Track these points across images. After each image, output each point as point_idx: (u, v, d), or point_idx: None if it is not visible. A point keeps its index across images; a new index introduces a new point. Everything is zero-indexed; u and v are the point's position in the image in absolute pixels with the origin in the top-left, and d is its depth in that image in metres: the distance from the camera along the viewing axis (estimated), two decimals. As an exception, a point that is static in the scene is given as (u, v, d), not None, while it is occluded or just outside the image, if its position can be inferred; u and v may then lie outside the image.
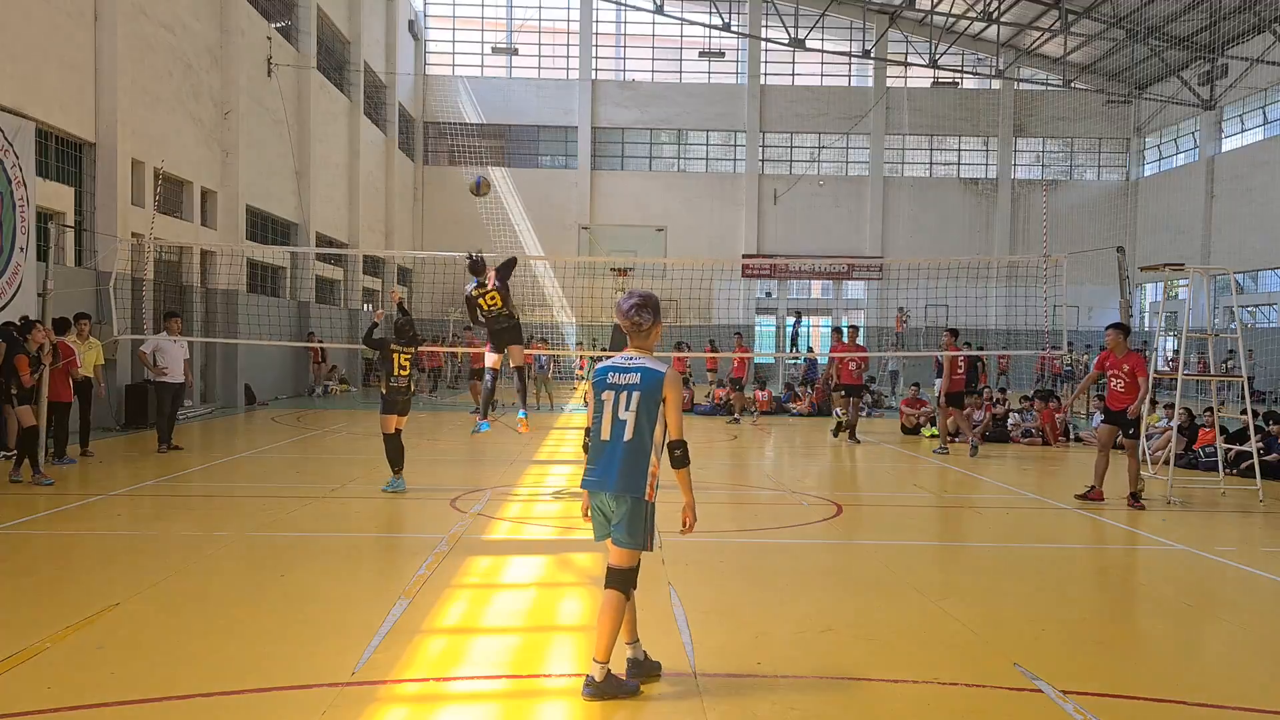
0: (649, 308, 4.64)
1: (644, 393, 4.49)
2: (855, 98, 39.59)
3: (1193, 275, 13.57)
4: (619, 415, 4.53)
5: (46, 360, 10.85)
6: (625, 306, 4.64)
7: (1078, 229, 37.48)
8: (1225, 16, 31.20)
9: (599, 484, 4.59)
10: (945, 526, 9.27)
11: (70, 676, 4.59)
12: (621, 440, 4.51)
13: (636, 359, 4.60)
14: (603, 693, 4.44)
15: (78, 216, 15.91)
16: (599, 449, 4.61)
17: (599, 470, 4.60)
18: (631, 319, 4.62)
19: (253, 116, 22.22)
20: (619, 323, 4.71)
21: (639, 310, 4.62)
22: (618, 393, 4.54)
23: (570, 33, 39.56)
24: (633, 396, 4.50)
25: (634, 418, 4.49)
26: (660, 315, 4.73)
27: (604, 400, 4.57)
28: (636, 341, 4.67)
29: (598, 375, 4.66)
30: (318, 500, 9.65)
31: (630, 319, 4.63)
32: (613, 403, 4.55)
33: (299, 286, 25.50)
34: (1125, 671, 5.03)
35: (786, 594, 6.27)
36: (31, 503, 9.25)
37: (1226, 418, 14.21)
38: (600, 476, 4.58)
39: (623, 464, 4.49)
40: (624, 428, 4.51)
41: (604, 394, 4.58)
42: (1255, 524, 9.68)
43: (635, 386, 4.50)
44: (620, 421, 4.52)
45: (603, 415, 4.58)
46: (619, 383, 4.55)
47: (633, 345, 4.69)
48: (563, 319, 37.33)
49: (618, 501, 4.55)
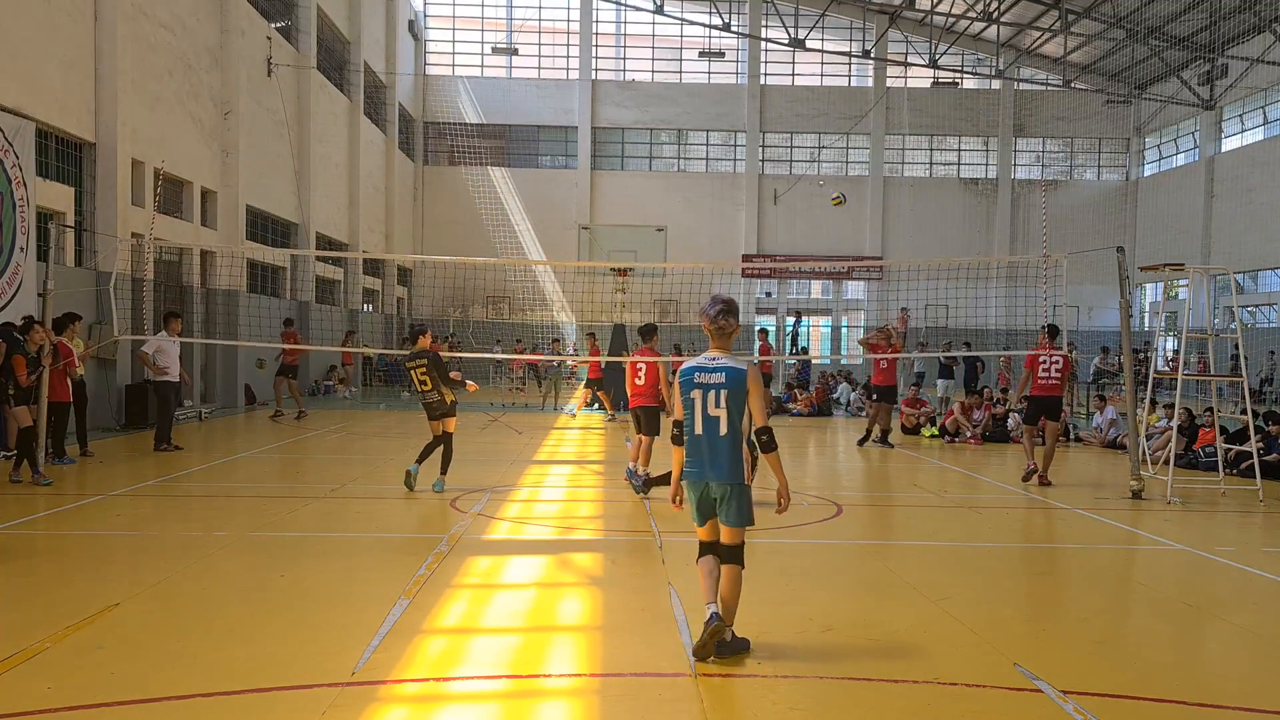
0: (732, 312, 5.13)
1: (730, 390, 4.94)
2: (855, 98, 39.60)
3: (1193, 275, 13.58)
4: (709, 412, 4.98)
5: (46, 361, 10.84)
6: (711, 312, 5.11)
7: (1078, 229, 37.50)
8: (1225, 16, 31.21)
9: (700, 474, 5.03)
10: (945, 526, 9.26)
11: (70, 676, 4.58)
12: (718, 435, 4.98)
13: (719, 359, 5.05)
14: (734, 649, 4.96)
15: (78, 216, 15.91)
16: (695, 444, 5.04)
17: (700, 463, 5.03)
18: (716, 323, 5.09)
19: (253, 116, 22.22)
20: (703, 325, 5.16)
21: (723, 315, 5.10)
22: (705, 391, 4.99)
23: (570, 33, 39.57)
24: (720, 394, 4.95)
25: (725, 414, 4.95)
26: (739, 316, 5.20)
27: (692, 399, 5.02)
28: (718, 343, 5.11)
29: (684, 375, 5.08)
30: (318, 500, 9.65)
31: (715, 323, 5.09)
32: (701, 401, 4.99)
33: (299, 287, 25.50)
34: (1125, 671, 5.03)
35: (786, 594, 6.27)
36: (31, 503, 9.25)
37: (1226, 418, 14.22)
38: (701, 469, 5.03)
39: (725, 457, 4.97)
40: (717, 424, 4.97)
41: (691, 393, 5.02)
42: (1255, 524, 9.67)
43: (721, 385, 4.95)
44: (712, 418, 4.97)
45: (694, 412, 5.02)
46: (705, 382, 5.00)
47: (714, 346, 5.13)
48: (563, 319, 37.34)
49: (723, 489, 4.99)
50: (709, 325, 5.10)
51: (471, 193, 39.02)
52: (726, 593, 4.99)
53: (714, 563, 5.08)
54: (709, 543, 5.15)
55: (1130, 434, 11.04)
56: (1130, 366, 11.51)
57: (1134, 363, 12.21)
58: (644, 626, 5.58)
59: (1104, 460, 14.49)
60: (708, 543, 5.16)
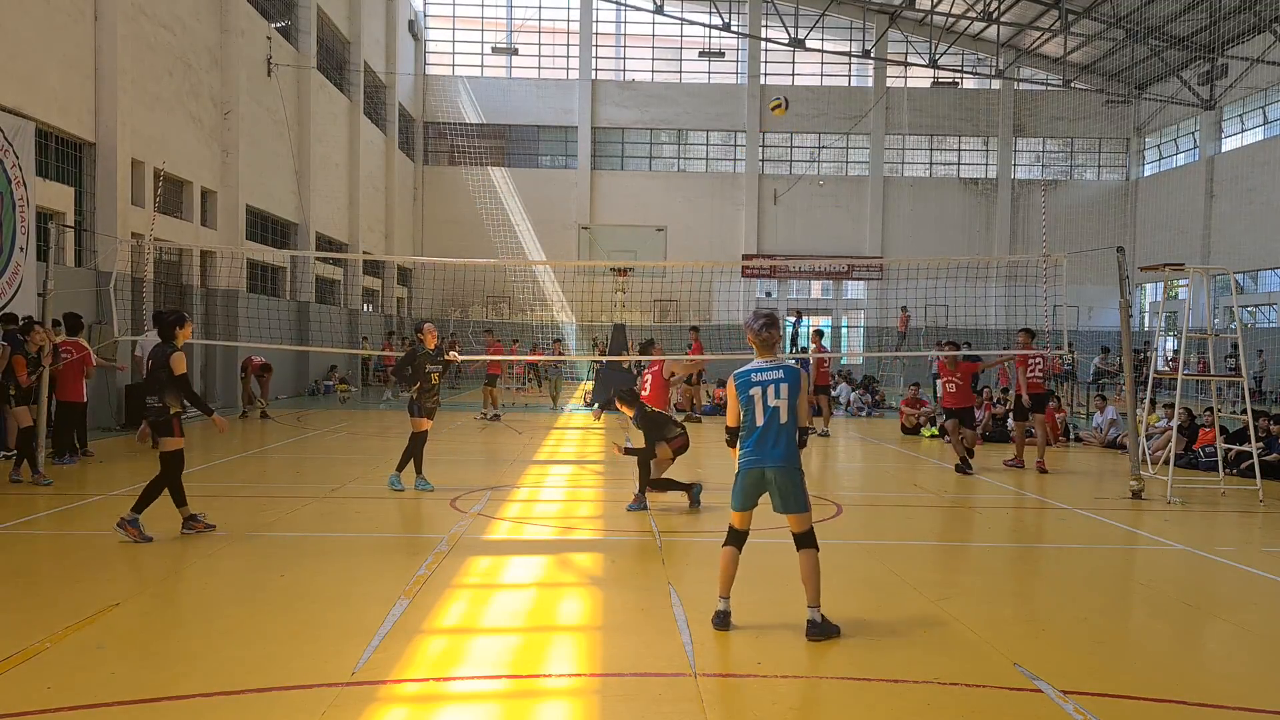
0: (774, 324, 5.59)
1: (790, 384, 5.42)
2: (855, 98, 39.60)
3: (1193, 275, 13.57)
4: (769, 403, 5.40)
5: (46, 362, 10.84)
6: (755, 325, 5.55)
7: (1078, 229, 37.49)
8: (1225, 16, 31.20)
9: (759, 461, 5.41)
10: (945, 526, 9.26)
11: (70, 676, 4.58)
12: (779, 423, 5.40)
13: (774, 363, 5.51)
14: (824, 632, 5.32)
15: (78, 216, 15.92)
16: (754, 433, 5.43)
17: (759, 450, 5.42)
18: (760, 335, 5.53)
19: (253, 116, 22.22)
20: (750, 340, 5.57)
21: (766, 328, 5.55)
22: (764, 387, 5.43)
23: (570, 33, 39.58)
24: (781, 388, 5.41)
25: (785, 404, 5.39)
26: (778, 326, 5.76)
27: (752, 395, 5.44)
28: (764, 353, 5.54)
29: (740, 379, 5.51)
30: (318, 500, 9.65)
31: (759, 335, 5.53)
32: (761, 395, 5.42)
33: (299, 287, 25.50)
34: (1125, 671, 5.03)
35: (786, 594, 6.26)
36: (31, 503, 9.25)
37: (1226, 418, 14.21)
38: (761, 455, 5.41)
39: (785, 442, 5.39)
40: (778, 413, 5.40)
41: (750, 391, 5.44)
42: (1255, 524, 9.67)
43: (781, 380, 5.42)
44: (772, 408, 5.40)
45: (754, 407, 5.43)
46: (764, 379, 5.44)
47: (761, 356, 5.55)
48: (563, 319, 37.34)
49: (781, 474, 5.37)
50: (754, 338, 5.54)
51: (471, 193, 39.03)
52: (809, 576, 5.39)
53: (736, 555, 5.52)
54: (741, 532, 5.54)
55: (1130, 434, 11.04)
56: (1130, 366, 11.51)
57: (1134, 363, 12.20)
58: (644, 626, 5.58)
59: (1104, 460, 14.48)
60: (739, 531, 5.54)
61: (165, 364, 7.61)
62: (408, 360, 10.53)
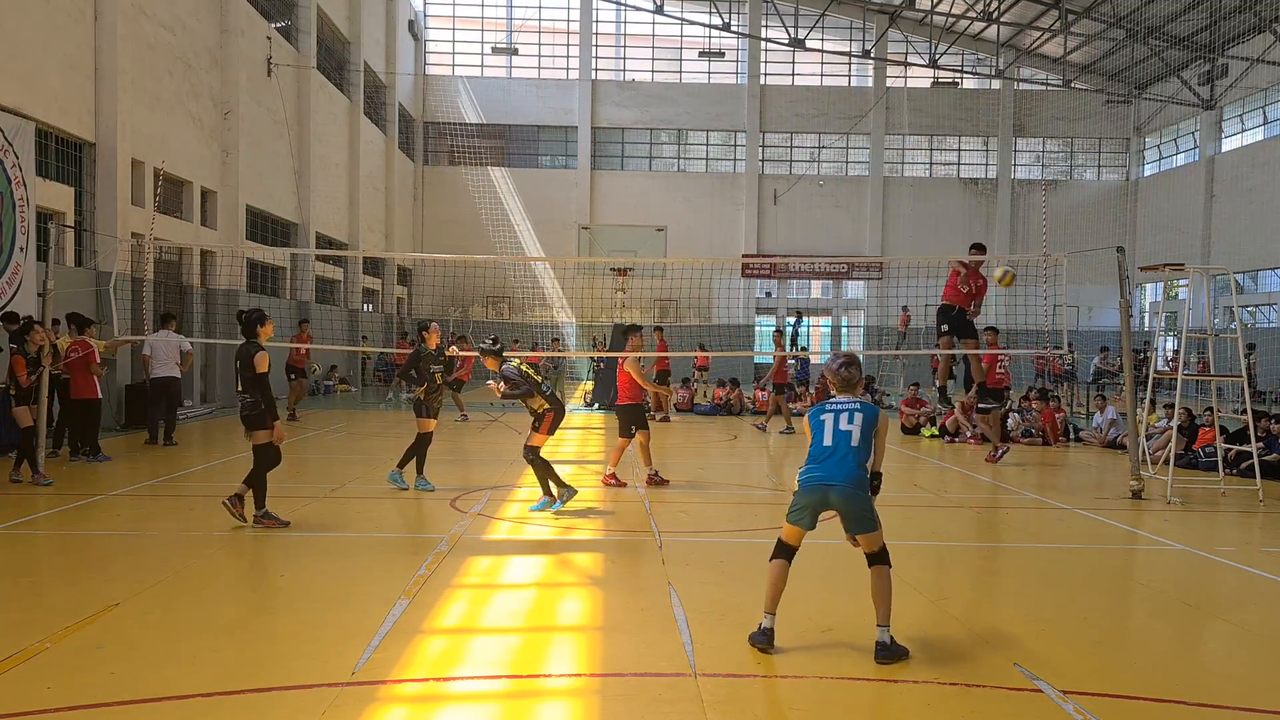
0: (854, 364, 5.47)
1: (865, 415, 5.25)
2: (855, 98, 39.59)
3: (1193, 275, 13.57)
4: (841, 427, 5.23)
5: (46, 362, 10.82)
6: (835, 366, 5.43)
7: (1078, 229, 37.46)
8: (1225, 16, 31.19)
9: (823, 478, 5.17)
10: (945, 526, 9.26)
11: (70, 676, 4.58)
12: (850, 445, 5.18)
13: (853, 399, 5.38)
14: (892, 654, 4.99)
15: (78, 216, 15.91)
16: (821, 453, 5.23)
17: (823, 470, 5.19)
18: (840, 375, 5.41)
19: (253, 116, 22.22)
20: (829, 380, 5.47)
21: (846, 367, 5.42)
22: (838, 414, 5.28)
23: (570, 33, 39.57)
24: (855, 416, 5.25)
25: (858, 430, 5.20)
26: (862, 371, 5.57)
27: (823, 420, 5.29)
28: (845, 393, 5.42)
29: (814, 413, 5.38)
30: (318, 500, 9.65)
31: (838, 375, 5.41)
32: (833, 420, 5.26)
33: (299, 286, 25.50)
34: (1125, 671, 5.03)
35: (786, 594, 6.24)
36: (31, 503, 9.25)
37: (1226, 418, 14.21)
38: (826, 472, 5.18)
39: (853, 465, 5.16)
40: (849, 436, 5.19)
41: (823, 416, 5.31)
42: (1255, 524, 9.67)
43: (856, 410, 5.27)
44: (844, 432, 5.21)
45: (824, 429, 5.26)
46: (838, 409, 5.31)
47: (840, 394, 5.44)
48: (563, 319, 37.34)
49: (848, 499, 5.15)
50: (833, 379, 5.43)
51: (471, 193, 39.03)
52: (879, 594, 5.13)
53: (786, 568, 5.26)
54: (792, 547, 5.30)
55: (1130, 434, 11.04)
56: (1130, 366, 11.50)
57: (1134, 363, 12.20)
58: (644, 626, 5.58)
59: (1104, 460, 14.48)
60: (789, 546, 5.29)
61: (250, 362, 8.09)
62: (412, 362, 10.60)
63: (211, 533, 7.94)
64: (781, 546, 5.29)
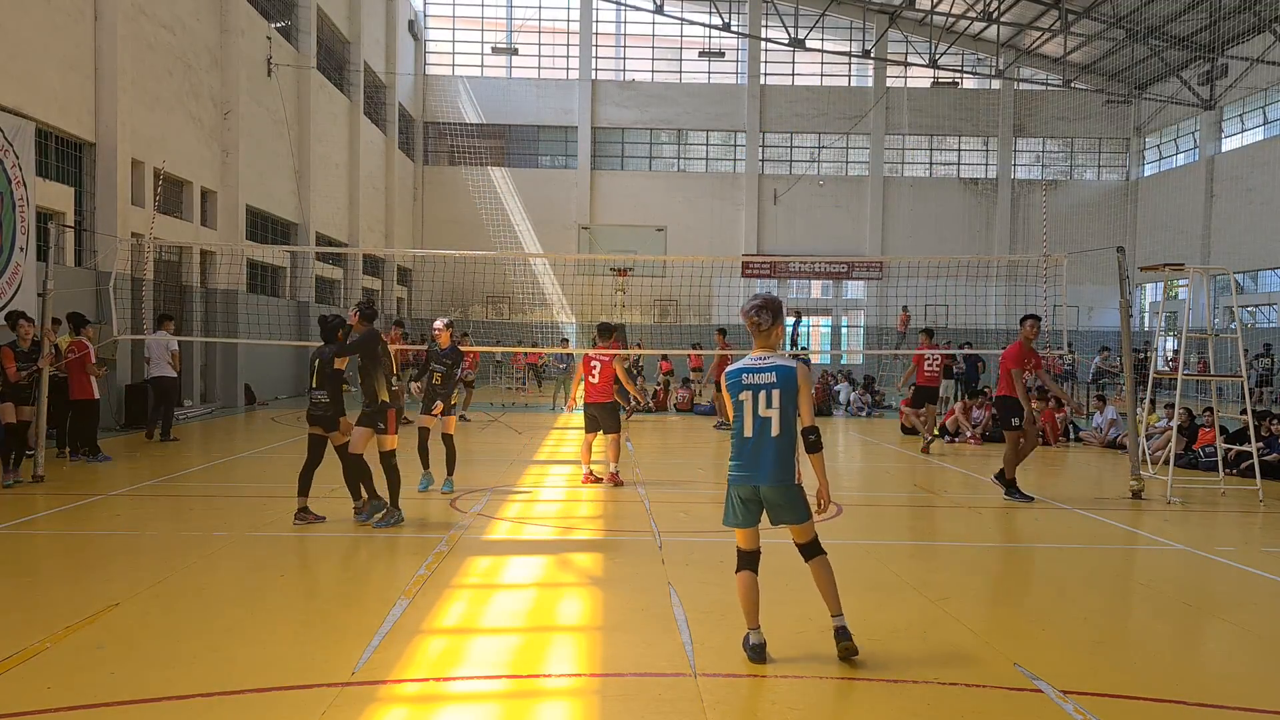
0: (768, 309, 4.98)
1: (783, 389, 4.86)
2: (855, 98, 39.59)
3: (1193, 275, 13.57)
4: (760, 413, 4.87)
5: (44, 361, 10.74)
6: (746, 307, 5.00)
7: (1078, 229, 37.49)
8: (1225, 16, 31.19)
9: (749, 478, 4.92)
10: (945, 526, 9.26)
11: (70, 676, 4.58)
12: (770, 436, 4.86)
13: (768, 358, 4.95)
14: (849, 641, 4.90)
15: (78, 216, 15.91)
16: (743, 445, 4.93)
17: (748, 466, 4.92)
18: (751, 318, 4.98)
19: (253, 116, 22.22)
20: (743, 321, 5.03)
21: (758, 311, 4.97)
22: (755, 392, 4.89)
23: (570, 33, 39.58)
24: (772, 394, 4.86)
25: (778, 414, 4.85)
26: (781, 315, 5.05)
27: (742, 400, 4.91)
28: (761, 341, 5.02)
29: (731, 378, 4.97)
30: (318, 500, 9.63)
31: (750, 318, 4.98)
32: (752, 402, 4.89)
33: (299, 286, 25.50)
34: (1125, 671, 5.03)
35: (786, 594, 6.26)
36: (31, 503, 9.25)
37: (1226, 418, 14.21)
38: (751, 472, 4.91)
39: (776, 459, 4.86)
40: (770, 424, 4.86)
41: (741, 395, 4.91)
42: (1255, 524, 9.67)
43: (773, 385, 4.86)
44: (763, 419, 4.87)
45: (744, 414, 4.91)
46: (755, 382, 4.89)
47: (759, 346, 5.04)
48: (563, 319, 37.34)
49: (776, 492, 4.88)
50: (747, 322, 5.03)
51: (471, 193, 39.03)
52: (824, 585, 4.95)
53: (753, 580, 5.00)
54: (750, 553, 5.02)
55: (1130, 434, 11.04)
56: (1130, 366, 11.51)
57: (1134, 363, 12.21)
58: (644, 626, 5.58)
59: (1104, 460, 14.48)
60: (748, 553, 5.02)
61: (330, 362, 8.49)
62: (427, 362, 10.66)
63: (211, 533, 7.93)
64: (741, 556, 5.03)
